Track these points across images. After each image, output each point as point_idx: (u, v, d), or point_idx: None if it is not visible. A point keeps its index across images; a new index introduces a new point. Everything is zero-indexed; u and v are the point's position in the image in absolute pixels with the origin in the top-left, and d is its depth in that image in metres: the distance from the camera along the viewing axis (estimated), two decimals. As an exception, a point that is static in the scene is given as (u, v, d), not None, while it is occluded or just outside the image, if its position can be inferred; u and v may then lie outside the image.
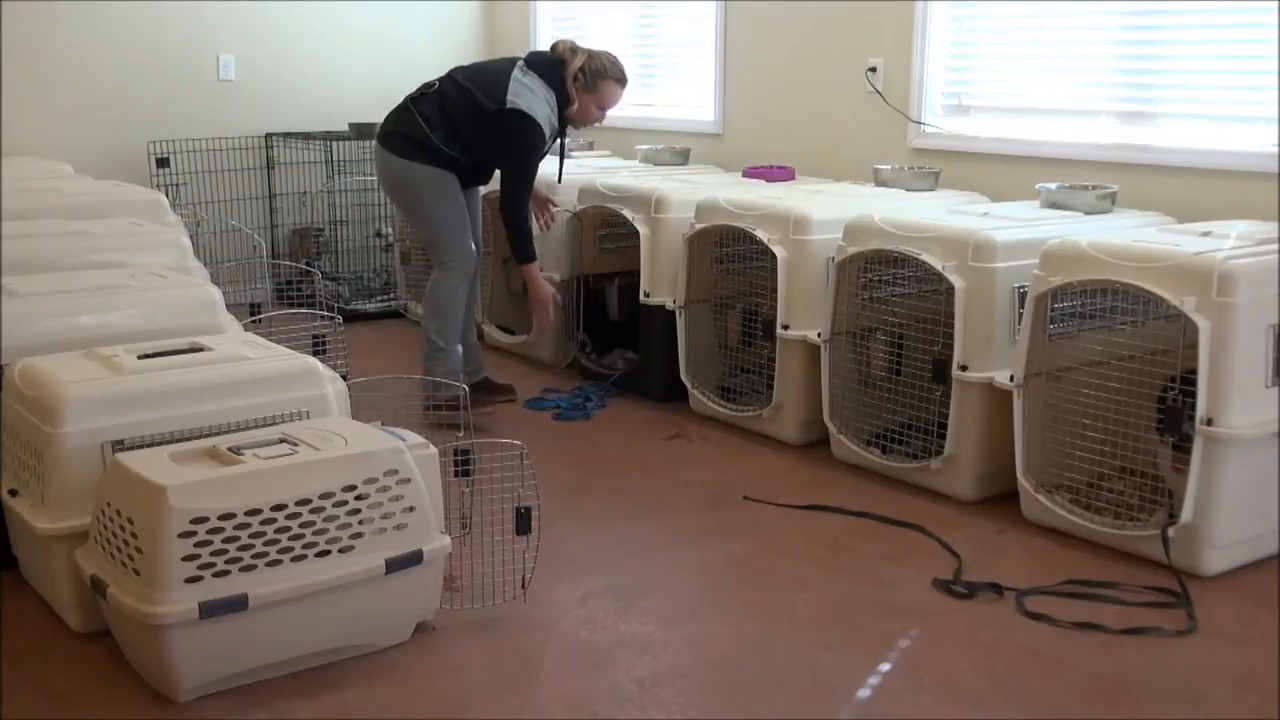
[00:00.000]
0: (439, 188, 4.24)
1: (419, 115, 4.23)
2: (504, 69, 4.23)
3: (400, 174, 4.28)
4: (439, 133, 4.20)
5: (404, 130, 4.25)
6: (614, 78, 4.31)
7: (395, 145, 4.26)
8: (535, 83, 4.19)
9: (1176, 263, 3.06)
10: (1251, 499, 3.10)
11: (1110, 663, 2.68)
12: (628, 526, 3.47)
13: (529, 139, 4.18)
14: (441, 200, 4.25)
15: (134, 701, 2.49)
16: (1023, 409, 3.35)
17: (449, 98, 4.23)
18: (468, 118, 4.19)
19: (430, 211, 4.27)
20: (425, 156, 4.21)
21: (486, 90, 4.18)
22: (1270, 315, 3.05)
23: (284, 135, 6.36)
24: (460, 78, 4.27)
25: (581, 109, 4.30)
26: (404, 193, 4.33)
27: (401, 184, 4.30)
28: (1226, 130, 4.04)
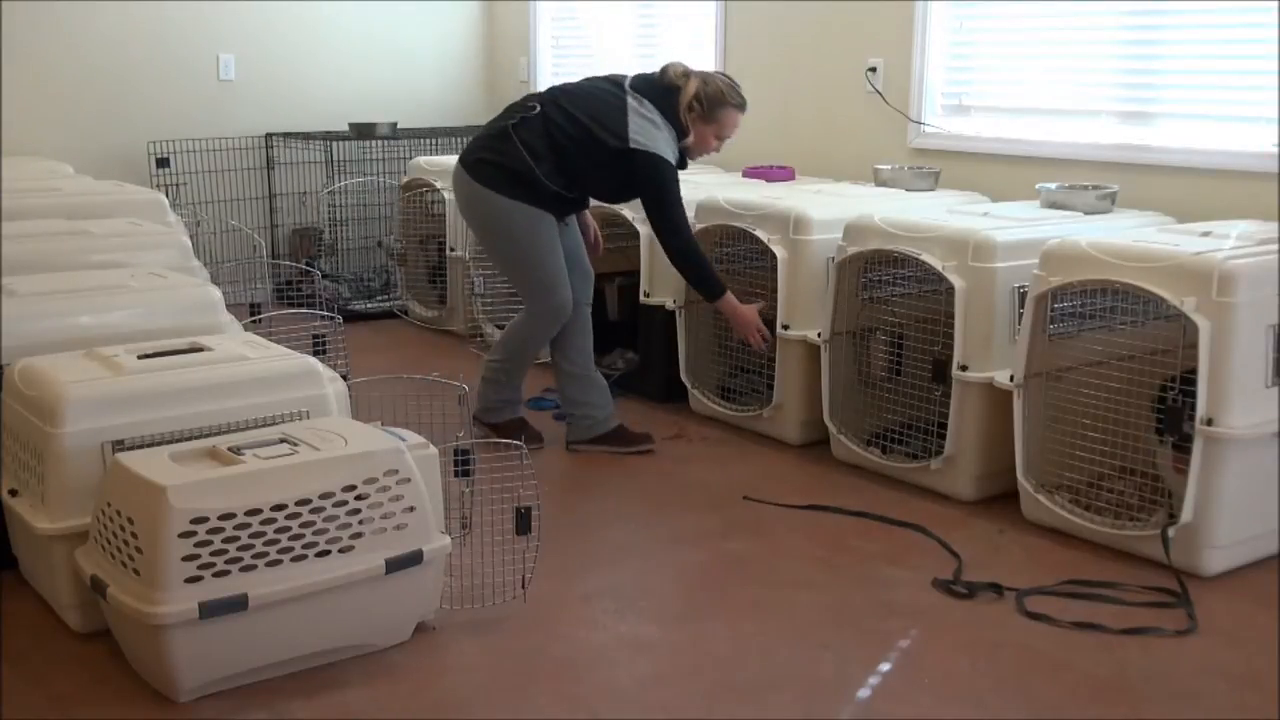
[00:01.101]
0: (536, 229, 3.80)
1: (521, 144, 3.75)
2: (617, 98, 3.77)
3: (491, 211, 3.82)
4: (543, 165, 3.74)
5: (500, 160, 3.77)
6: (733, 104, 3.84)
7: (488, 176, 3.79)
8: (654, 114, 3.75)
9: (1176, 263, 3.06)
10: (1251, 499, 3.10)
11: (1110, 663, 2.68)
12: (628, 526, 3.47)
13: (665, 180, 3.75)
14: (538, 243, 3.81)
15: (134, 701, 2.49)
16: (1023, 409, 3.35)
17: (557, 126, 3.75)
18: (581, 152, 3.75)
19: (524, 254, 3.84)
20: (523, 192, 3.76)
21: (603, 124, 3.73)
22: (1270, 315, 3.05)
23: (284, 135, 6.36)
24: (568, 105, 3.79)
25: (698, 140, 3.86)
26: (494, 232, 3.89)
27: (491, 222, 3.86)
28: (1226, 130, 4.04)
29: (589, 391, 4.04)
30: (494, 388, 4.03)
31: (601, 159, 3.75)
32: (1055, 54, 4.49)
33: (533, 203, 3.77)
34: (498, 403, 4.04)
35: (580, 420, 4.04)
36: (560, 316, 3.89)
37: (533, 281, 3.88)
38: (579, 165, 3.78)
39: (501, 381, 4.01)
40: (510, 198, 3.76)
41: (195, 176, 6.11)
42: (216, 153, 6.20)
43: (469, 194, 3.87)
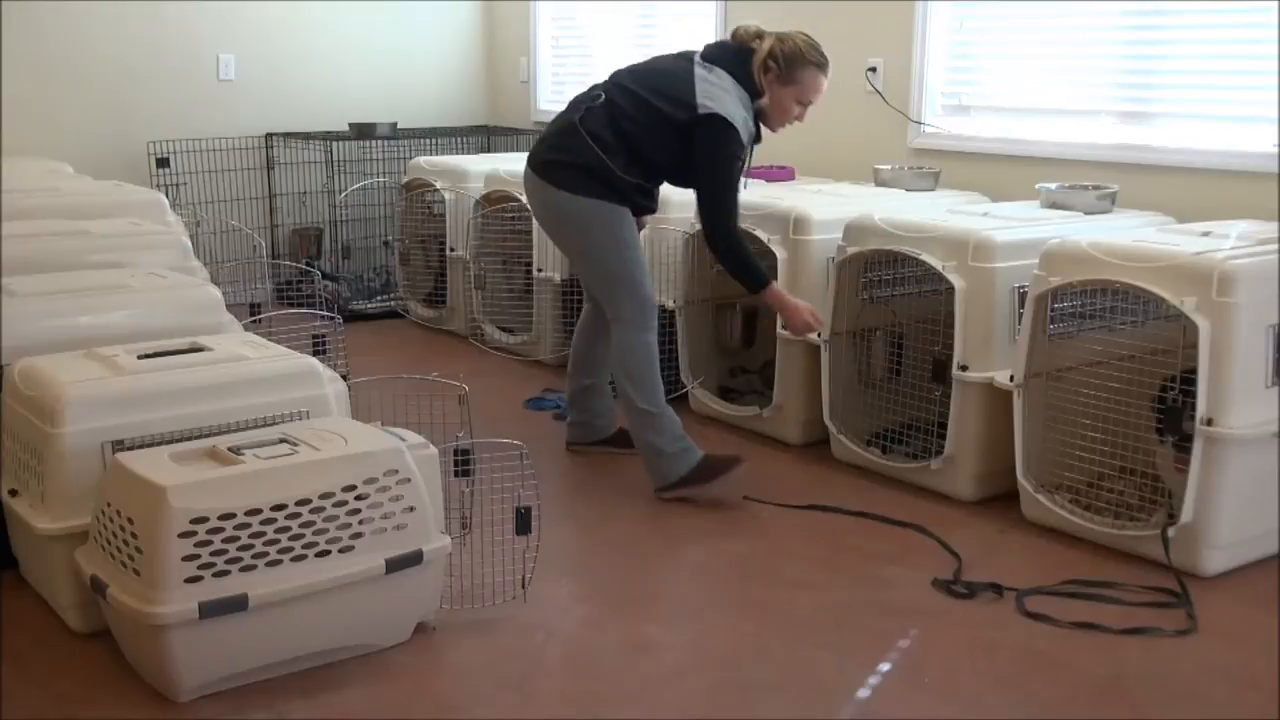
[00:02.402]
0: (617, 227, 3.54)
1: (590, 137, 3.49)
2: (683, 68, 3.50)
3: (569, 212, 3.56)
4: (618, 159, 3.47)
5: (572, 158, 3.51)
6: (814, 61, 3.53)
7: (561, 177, 3.54)
8: (724, 79, 3.46)
9: (1176, 263, 3.06)
10: (1251, 499, 3.10)
11: (1110, 663, 2.68)
12: (628, 526, 3.47)
13: (728, 149, 3.44)
14: (620, 241, 3.56)
15: (134, 701, 2.49)
16: (1023, 409, 3.35)
17: (623, 112, 3.49)
18: (651, 134, 3.47)
19: (605, 255, 3.58)
20: (601, 189, 3.50)
21: (670, 96, 3.45)
22: (1270, 315, 3.05)
23: (284, 135, 6.36)
24: (631, 84, 3.53)
25: (777, 105, 3.54)
26: (574, 234, 3.62)
27: (570, 224, 3.59)
28: (1226, 130, 4.04)
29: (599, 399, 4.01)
30: (655, 430, 3.60)
31: (672, 141, 3.47)
32: (1055, 54, 4.49)
33: (612, 199, 3.51)
34: (675, 446, 3.61)
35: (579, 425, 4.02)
36: (650, 317, 3.61)
37: (620, 281, 3.58)
38: (652, 153, 3.50)
39: (652, 415, 3.60)
40: (588, 195, 3.50)
41: (195, 176, 6.11)
42: (216, 153, 6.20)
43: (544, 198, 3.62)
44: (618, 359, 3.62)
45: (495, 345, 5.35)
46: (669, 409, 3.61)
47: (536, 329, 5.14)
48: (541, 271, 5.04)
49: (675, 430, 3.60)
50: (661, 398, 3.60)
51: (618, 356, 3.62)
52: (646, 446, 3.60)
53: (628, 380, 3.58)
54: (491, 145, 6.67)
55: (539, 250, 5.04)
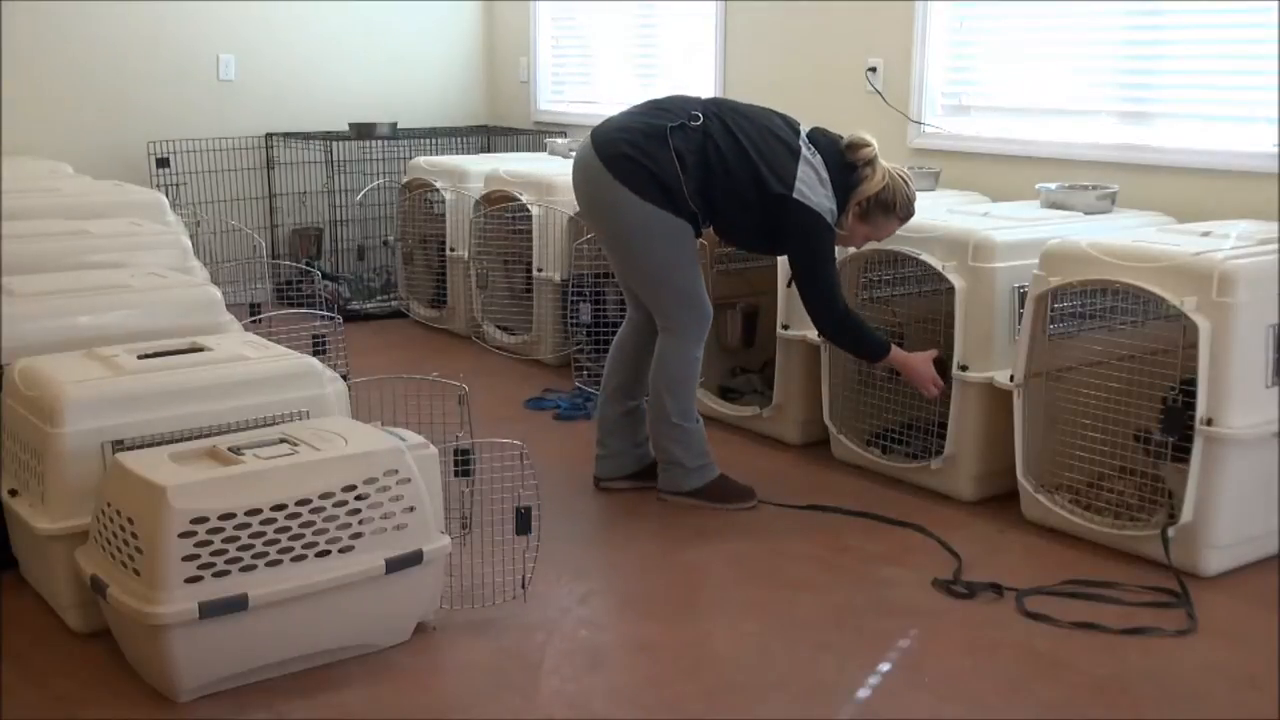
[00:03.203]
0: (676, 238, 3.37)
1: (674, 150, 3.30)
2: (789, 136, 3.37)
3: (629, 212, 3.35)
4: (690, 182, 3.30)
5: (646, 161, 3.31)
6: (900, 217, 3.48)
7: (629, 175, 3.32)
8: (824, 172, 3.36)
9: (1176, 263, 3.06)
10: (1251, 499, 3.10)
11: (1110, 663, 2.68)
12: (628, 526, 3.46)
13: (822, 241, 3.37)
14: (678, 252, 3.40)
15: (134, 701, 2.49)
16: (1023, 409, 3.35)
17: (715, 147, 3.32)
18: (733, 182, 3.32)
19: (663, 265, 3.42)
20: (666, 201, 3.32)
21: (771, 164, 3.31)
22: (1270, 315, 3.05)
23: (284, 135, 6.36)
24: (735, 128, 3.35)
25: (850, 234, 3.48)
26: (628, 235, 3.41)
27: (626, 225, 3.39)
28: (1226, 130, 4.04)
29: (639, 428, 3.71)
30: (683, 445, 3.53)
31: (752, 199, 3.33)
32: (1055, 54, 4.49)
33: (674, 212, 3.34)
34: (697, 461, 3.56)
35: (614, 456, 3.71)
36: (702, 329, 3.49)
37: (673, 291, 3.45)
38: (725, 196, 3.34)
39: (682, 430, 3.52)
40: (654, 204, 3.32)
41: (195, 176, 6.11)
42: (216, 153, 6.20)
43: (600, 186, 3.38)
44: (662, 367, 3.49)
45: (495, 345, 5.35)
46: (699, 424, 3.55)
47: (536, 329, 5.14)
48: (541, 271, 5.04)
49: (701, 446, 3.55)
50: (695, 410, 3.55)
51: (663, 364, 3.48)
52: (668, 456, 3.55)
53: (667, 391, 3.48)
54: (491, 145, 6.67)
55: (539, 250, 5.04)
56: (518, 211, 5.22)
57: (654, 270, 3.45)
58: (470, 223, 5.37)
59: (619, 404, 3.66)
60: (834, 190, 3.37)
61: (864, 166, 3.41)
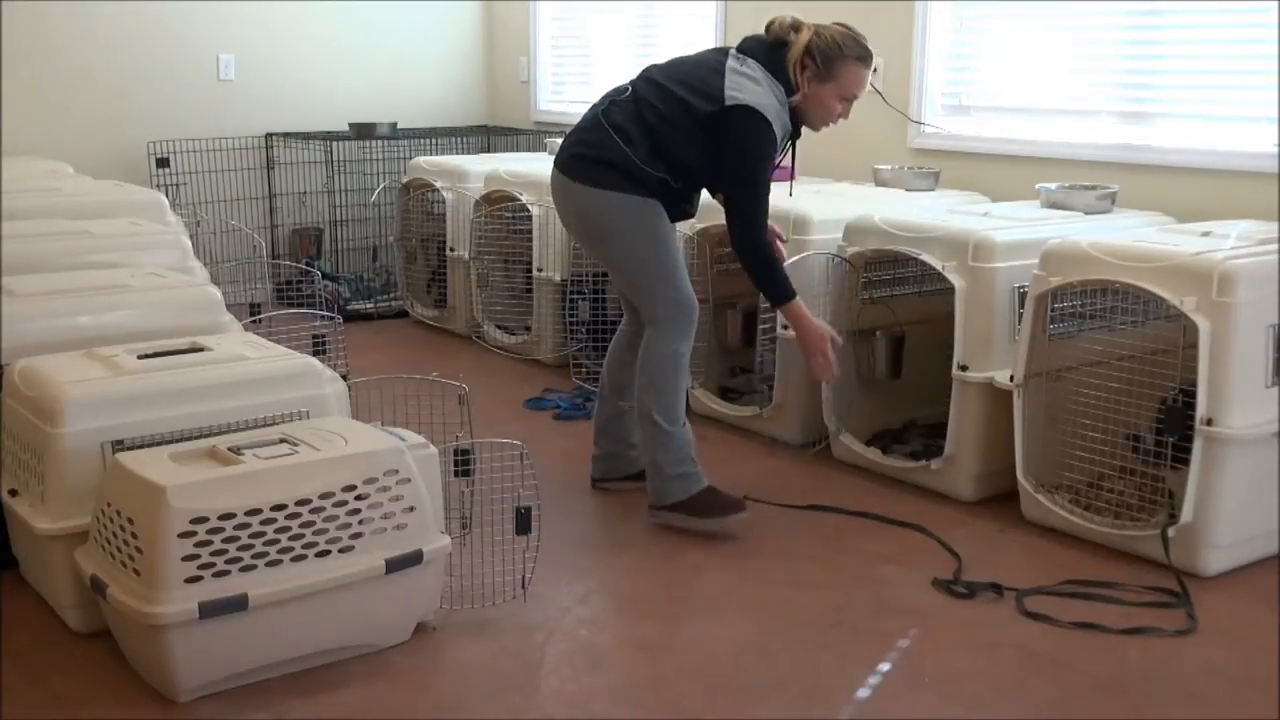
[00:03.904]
0: (645, 221, 3.28)
1: (611, 129, 3.25)
2: (714, 59, 3.28)
3: (593, 209, 3.30)
4: (639, 150, 3.22)
5: (594, 152, 3.27)
6: (853, 55, 3.27)
7: (583, 172, 3.29)
8: (757, 71, 3.22)
9: (1176, 263, 3.06)
10: (1251, 499, 3.10)
11: (1110, 663, 2.68)
12: (628, 526, 3.46)
13: (757, 142, 3.20)
14: (650, 237, 3.29)
15: (134, 701, 2.49)
16: (1023, 409, 3.35)
17: (647, 104, 3.25)
18: (674, 127, 3.22)
19: (636, 252, 3.31)
20: (625, 183, 3.24)
21: (696, 88, 3.21)
22: (1270, 315, 3.05)
23: (284, 135, 6.36)
24: (659, 77, 3.30)
25: (817, 104, 3.29)
26: (599, 233, 3.35)
27: (595, 221, 3.33)
28: (1226, 130, 4.04)
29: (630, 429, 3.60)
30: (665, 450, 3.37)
31: (696, 135, 3.21)
32: (1055, 54, 4.49)
33: (639, 191, 3.25)
34: (676, 469, 3.39)
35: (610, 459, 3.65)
36: (687, 321, 3.35)
37: (651, 280, 3.33)
38: (674, 145, 3.23)
39: (665, 433, 3.36)
40: (612, 189, 3.25)
41: (195, 176, 6.11)
42: (216, 153, 6.20)
43: (565, 195, 3.36)
44: (644, 363, 3.37)
45: (495, 345, 5.35)
46: (684, 428, 3.38)
47: (536, 329, 5.14)
48: (541, 271, 5.04)
49: (683, 452, 3.37)
50: (680, 413, 3.38)
51: (645, 360, 3.37)
52: (649, 462, 3.41)
53: (650, 389, 3.35)
54: (491, 145, 6.67)
55: (539, 250, 5.04)
56: (518, 211, 5.22)
57: (631, 262, 3.34)
58: (470, 223, 5.37)
59: (612, 404, 3.61)
60: (777, 78, 3.23)
61: (786, 32, 3.29)
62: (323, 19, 6.56)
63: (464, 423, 3.04)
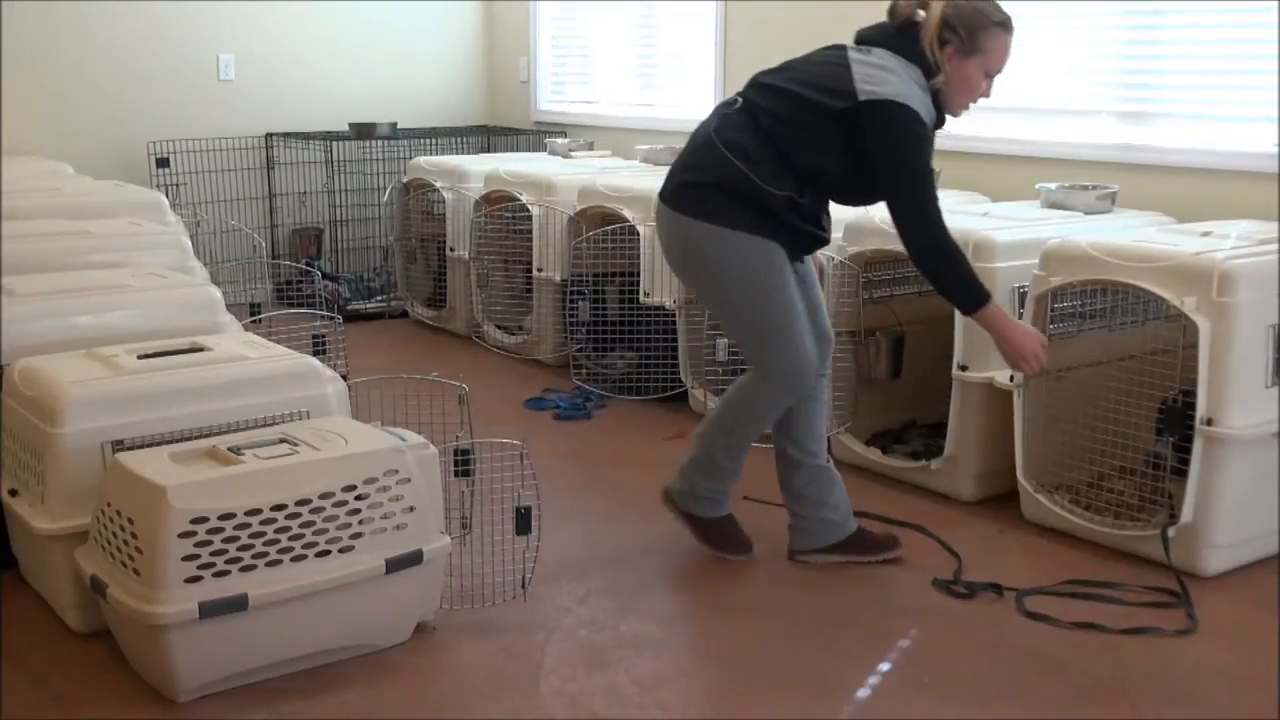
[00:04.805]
0: (762, 267, 2.91)
1: (726, 146, 2.88)
2: (832, 56, 2.93)
3: (703, 246, 2.92)
4: (762, 169, 2.85)
5: (706, 177, 2.90)
6: (998, 21, 2.93)
7: (693, 203, 2.91)
8: (889, 59, 2.87)
9: (1176, 263, 3.06)
10: (1251, 499, 3.10)
11: (1110, 663, 2.68)
12: (628, 526, 3.46)
13: (911, 133, 2.86)
14: (765, 285, 2.92)
15: (134, 701, 2.49)
16: (1023, 409, 3.35)
17: (763, 110, 2.89)
18: (799, 129, 2.86)
19: (749, 301, 2.94)
20: (743, 215, 2.87)
21: (822, 85, 2.86)
22: (1270, 315, 3.05)
23: (284, 135, 6.36)
24: (773, 80, 2.96)
25: (961, 82, 2.94)
26: (709, 275, 2.97)
27: (703, 262, 2.95)
28: (1226, 130, 4.04)
29: (825, 488, 3.16)
30: (705, 471, 3.14)
31: (826, 132, 2.85)
32: (1055, 54, 4.49)
33: (759, 229, 2.89)
34: (708, 492, 3.16)
35: (811, 525, 3.18)
36: (801, 382, 3.00)
37: (765, 332, 2.96)
38: (802, 151, 2.87)
39: (717, 464, 3.12)
40: (727, 225, 2.88)
41: (195, 176, 6.11)
42: (216, 153, 6.20)
43: (671, 230, 2.98)
44: (733, 400, 3.06)
45: (495, 345, 5.35)
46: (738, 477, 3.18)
47: (536, 329, 5.14)
48: (541, 271, 5.04)
49: (722, 484, 3.17)
50: (741, 463, 3.15)
51: (735, 398, 3.06)
52: (687, 473, 3.17)
53: (724, 428, 3.08)
54: (491, 145, 6.67)
55: (539, 250, 5.04)
56: (518, 211, 5.22)
57: (742, 311, 2.98)
58: (470, 223, 5.37)
59: (792, 460, 3.17)
60: (912, 61, 2.88)
61: (914, 12, 2.92)
62: (323, 19, 6.56)
63: (464, 423, 3.04)
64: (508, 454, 2.87)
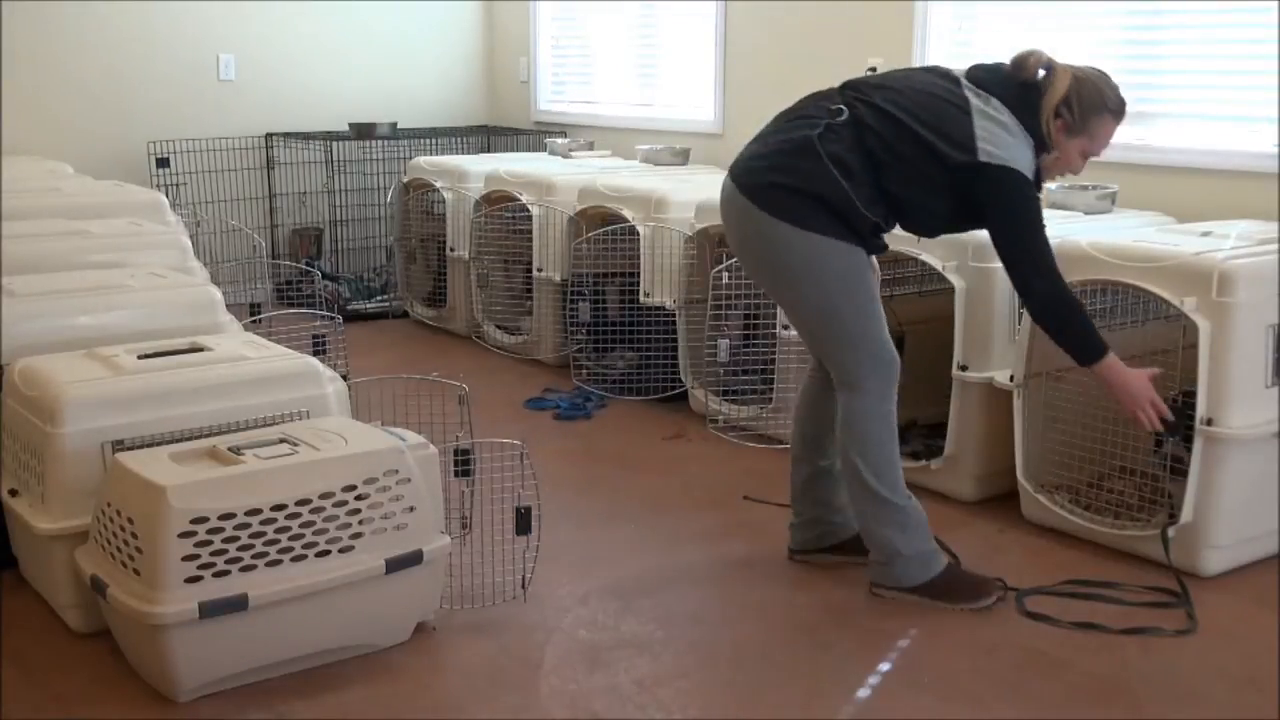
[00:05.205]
0: (851, 272, 2.83)
1: (830, 160, 2.76)
2: (946, 89, 2.82)
3: (790, 247, 2.81)
4: (862, 192, 2.76)
5: (804, 185, 2.78)
6: (1112, 110, 2.91)
7: (784, 206, 2.80)
8: (1006, 118, 2.78)
9: (1176, 263, 3.06)
10: (1251, 499, 3.10)
11: (1110, 663, 2.68)
12: (628, 526, 3.47)
13: (1026, 198, 2.79)
14: (853, 289, 2.85)
15: (134, 701, 2.49)
16: (1023, 409, 3.35)
17: (874, 134, 2.77)
18: (911, 168, 2.77)
19: (832, 303, 2.86)
20: (834, 226, 2.79)
21: (940, 129, 2.75)
22: (1270, 315, 3.05)
23: (284, 135, 6.36)
24: (885, 104, 2.80)
25: (1064, 158, 2.89)
26: (791, 276, 2.86)
27: (788, 263, 2.84)
28: (1226, 130, 4.04)
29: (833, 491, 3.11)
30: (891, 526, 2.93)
31: (937, 179, 2.78)
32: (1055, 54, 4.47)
33: (847, 237, 2.81)
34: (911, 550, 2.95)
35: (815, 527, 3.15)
36: (893, 376, 2.91)
37: (853, 339, 2.88)
38: (904, 187, 2.79)
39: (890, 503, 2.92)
40: (821, 233, 2.78)
41: (195, 176, 6.11)
42: (216, 153, 6.20)
43: (749, 225, 2.87)
44: (849, 428, 2.91)
45: (495, 345, 5.35)
46: (914, 499, 2.96)
47: (536, 329, 5.14)
48: (541, 271, 5.04)
49: (921, 529, 2.95)
50: (903, 483, 2.94)
51: (849, 425, 2.91)
52: (881, 542, 2.94)
53: (860, 456, 2.90)
54: (491, 145, 6.67)
55: (539, 250, 5.04)
56: (518, 211, 5.22)
57: (825, 316, 2.89)
58: (470, 223, 5.37)
59: (809, 464, 3.13)
60: (1022, 124, 2.81)
61: (1043, 75, 2.86)
62: (323, 19, 6.56)
63: (464, 423, 3.04)
64: (508, 454, 2.87)
